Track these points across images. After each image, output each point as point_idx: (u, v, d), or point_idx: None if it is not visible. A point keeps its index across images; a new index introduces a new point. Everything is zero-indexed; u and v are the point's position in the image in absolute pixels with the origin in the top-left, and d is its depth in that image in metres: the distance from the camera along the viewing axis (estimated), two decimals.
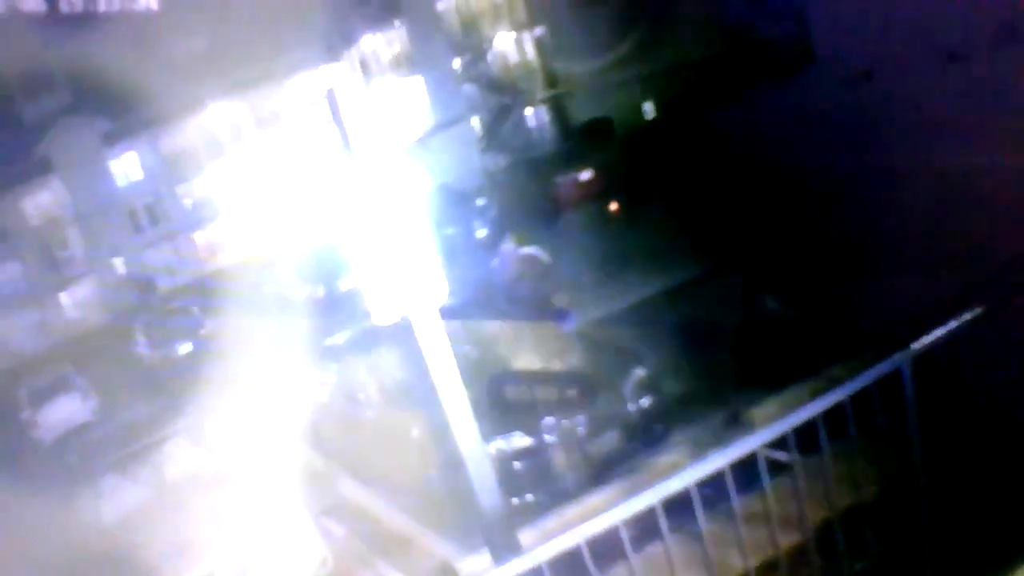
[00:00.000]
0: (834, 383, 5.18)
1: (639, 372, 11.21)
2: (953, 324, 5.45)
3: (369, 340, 14.09)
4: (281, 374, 16.89)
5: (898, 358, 5.28)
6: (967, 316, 5.50)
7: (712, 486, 4.96)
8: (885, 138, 21.00)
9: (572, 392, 11.50)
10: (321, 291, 27.00)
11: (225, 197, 48.41)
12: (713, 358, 12.49)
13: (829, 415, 5.10)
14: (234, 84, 46.50)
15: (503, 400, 11.83)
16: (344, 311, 18.57)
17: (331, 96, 5.94)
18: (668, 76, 41.05)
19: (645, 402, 10.99)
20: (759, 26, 42.43)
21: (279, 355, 18.21)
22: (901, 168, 18.42)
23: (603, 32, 41.32)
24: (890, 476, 5.69)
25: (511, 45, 44.53)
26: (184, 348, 29.28)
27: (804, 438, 5.11)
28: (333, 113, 5.96)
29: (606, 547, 4.77)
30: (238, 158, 48.37)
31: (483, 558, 7.50)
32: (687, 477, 4.85)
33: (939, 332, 5.42)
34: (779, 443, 5.05)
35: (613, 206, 21.34)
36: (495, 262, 13.46)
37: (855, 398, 5.13)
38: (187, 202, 49.14)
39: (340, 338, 15.97)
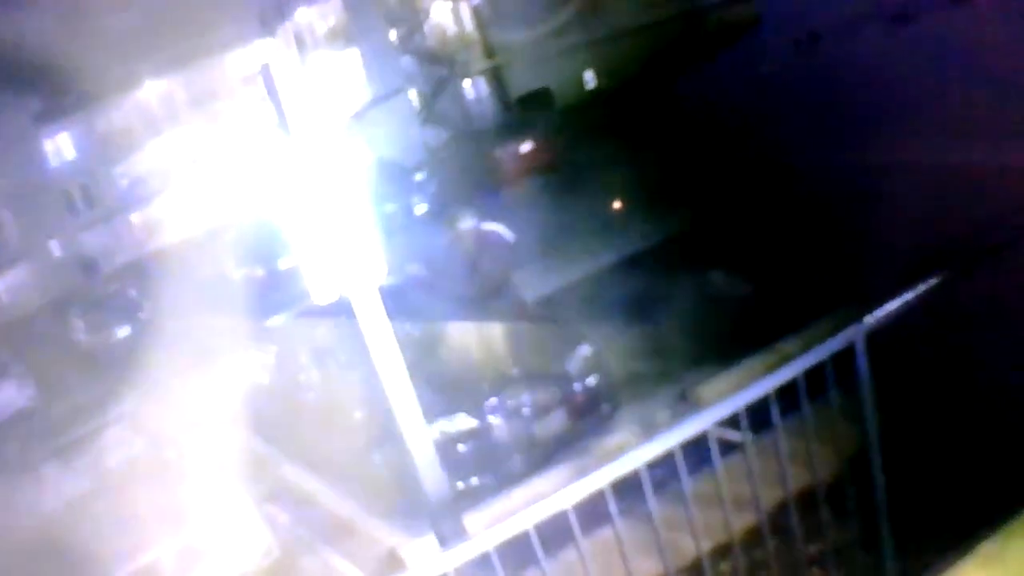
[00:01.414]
0: (787, 358, 5.06)
1: (585, 350, 10.99)
2: (908, 296, 5.35)
3: (309, 320, 13.80)
4: (221, 357, 16.63)
5: (851, 332, 5.16)
6: (922, 287, 5.40)
7: (662, 467, 4.83)
8: (834, 103, 20.93)
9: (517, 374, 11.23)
10: (260, 271, 26.62)
11: (162, 176, 47.76)
12: (661, 334, 12.41)
13: (782, 392, 4.99)
14: (168, 60, 45.80)
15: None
16: (284, 291, 18.30)
17: (266, 71, 5.77)
18: (609, 44, 40.85)
19: (592, 381, 10.77)
20: None
21: (218, 337, 17.93)
22: (852, 135, 18.34)
23: (541, 0, 41.03)
24: (845, 454, 5.57)
25: (448, 15, 44.14)
26: (122, 332, 28.83)
27: (756, 416, 5.00)
28: (268, 89, 5.80)
29: (554, 531, 4.62)
30: (174, 136, 47.74)
31: (429, 543, 7.39)
32: (636, 458, 4.71)
33: (893, 304, 5.32)
34: (730, 421, 4.93)
35: (617, 204, 21.16)
36: (451, 238, 12.95)
37: (808, 374, 5.01)
38: (123, 182, 48.40)
39: (280, 319, 15.66)
